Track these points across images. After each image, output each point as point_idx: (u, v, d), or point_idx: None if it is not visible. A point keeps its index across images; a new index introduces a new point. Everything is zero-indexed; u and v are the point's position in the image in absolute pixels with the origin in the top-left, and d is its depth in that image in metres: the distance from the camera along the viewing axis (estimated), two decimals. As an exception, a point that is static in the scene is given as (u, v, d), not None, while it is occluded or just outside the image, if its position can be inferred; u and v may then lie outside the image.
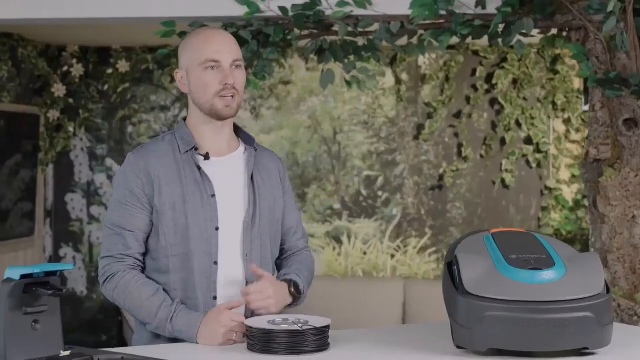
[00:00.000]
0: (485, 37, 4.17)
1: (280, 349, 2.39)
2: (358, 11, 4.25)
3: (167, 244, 2.70)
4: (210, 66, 2.72)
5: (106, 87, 6.96)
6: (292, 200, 2.98)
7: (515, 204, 6.69)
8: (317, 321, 2.49)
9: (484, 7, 4.16)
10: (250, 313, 2.73)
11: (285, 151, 6.86)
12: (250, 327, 2.45)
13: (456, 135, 6.73)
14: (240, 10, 4.31)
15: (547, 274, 2.36)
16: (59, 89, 6.88)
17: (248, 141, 2.86)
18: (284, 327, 2.43)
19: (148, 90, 6.97)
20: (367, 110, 6.82)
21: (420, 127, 6.77)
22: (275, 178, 2.90)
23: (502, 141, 6.67)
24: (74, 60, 6.92)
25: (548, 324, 2.29)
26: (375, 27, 4.28)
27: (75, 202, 7.03)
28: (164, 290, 2.71)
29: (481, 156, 6.71)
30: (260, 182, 2.83)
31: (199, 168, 2.74)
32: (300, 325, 2.44)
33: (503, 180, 6.69)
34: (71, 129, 6.97)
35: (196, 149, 2.76)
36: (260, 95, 6.85)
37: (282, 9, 4.22)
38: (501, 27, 4.11)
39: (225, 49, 2.74)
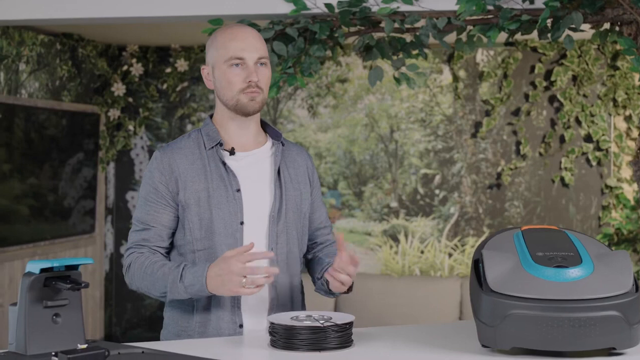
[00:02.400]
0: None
1: (302, 345, 2.38)
2: (404, 7, 4.21)
3: (193, 239, 2.73)
4: (235, 63, 2.73)
5: (165, 86, 7.03)
6: (320, 196, 2.98)
7: (575, 202, 6.58)
8: (341, 318, 2.47)
9: (531, 2, 4.09)
10: (275, 301, 2.74)
11: (342, 149, 6.85)
12: (273, 323, 2.45)
13: (514, 133, 6.64)
14: (287, 8, 4.31)
15: (573, 272, 2.31)
16: (119, 88, 6.98)
17: (275, 136, 2.86)
18: (307, 323, 2.42)
19: (206, 88, 7.02)
20: (424, 108, 6.77)
21: (477, 125, 6.70)
22: (302, 173, 2.89)
23: (562, 139, 6.56)
24: (134, 60, 7.01)
25: (573, 323, 2.24)
26: (422, 23, 4.24)
27: (136, 200, 7.10)
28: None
29: (540, 154, 6.60)
30: (287, 176, 2.83)
31: (224, 163, 2.75)
32: (322, 322, 2.42)
33: (562, 179, 6.58)
34: (131, 127, 7.06)
35: (221, 145, 2.77)
36: (317, 93, 6.85)
37: (328, 5, 4.20)
38: (550, 22, 4.04)
39: (250, 47, 2.74)
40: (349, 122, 6.86)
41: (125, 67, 7.03)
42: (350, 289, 2.78)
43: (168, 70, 7.02)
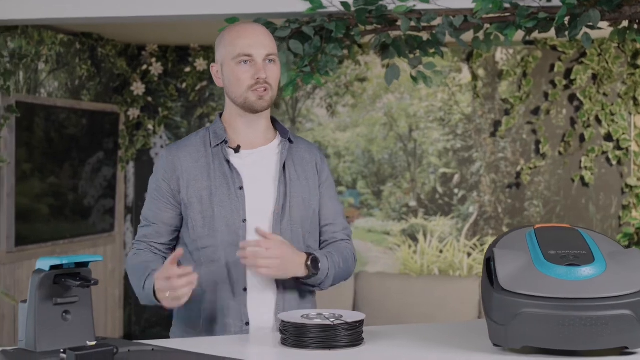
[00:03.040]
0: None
1: (312, 344, 2.38)
2: (421, 5, 4.20)
3: (197, 237, 2.74)
4: (243, 60, 2.73)
5: (184, 85, 7.05)
6: (331, 192, 2.93)
7: (595, 202, 6.53)
8: (351, 316, 2.46)
9: (548, 0, 4.07)
10: (281, 299, 2.74)
11: (361, 148, 6.84)
12: (283, 321, 2.44)
13: (534, 132, 6.60)
14: (304, 6, 4.31)
15: (585, 270, 2.29)
16: (138, 88, 6.99)
17: (283, 133, 2.86)
18: (317, 321, 2.41)
19: (225, 88, 7.01)
20: (443, 107, 6.75)
21: (497, 124, 6.67)
22: (311, 169, 2.88)
23: (581, 138, 6.51)
24: (153, 59, 7.02)
25: (584, 322, 2.22)
26: (439, 21, 4.23)
27: (155, 199, 7.12)
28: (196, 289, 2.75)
29: (559, 153, 6.57)
30: (294, 173, 2.82)
31: (228, 161, 2.76)
32: (332, 320, 2.41)
33: (582, 178, 6.53)
34: (151, 126, 7.08)
35: (226, 142, 2.78)
36: (336, 92, 6.84)
37: (345, 4, 4.20)
38: (567, 20, 4.01)
39: (259, 43, 2.74)
40: (367, 121, 6.85)
41: (144, 67, 7.05)
42: (311, 272, 2.70)
43: (187, 69, 7.03)
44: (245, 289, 2.72)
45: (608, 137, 6.48)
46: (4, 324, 5.58)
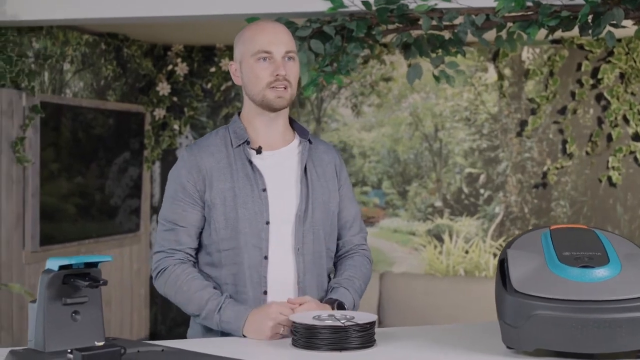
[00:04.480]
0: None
1: (323, 345, 2.35)
2: (442, 4, 4.17)
3: (218, 238, 2.71)
4: (262, 57, 2.70)
5: (210, 85, 7.05)
6: (349, 194, 2.91)
7: (623, 202, 6.46)
8: (363, 317, 2.44)
9: (571, -3, 4.03)
10: None
11: (386, 148, 6.81)
12: (294, 322, 2.42)
13: (560, 131, 6.54)
14: (325, 6, 4.29)
15: (599, 272, 2.25)
16: (164, 88, 7.01)
17: (302, 134, 2.83)
18: (328, 323, 2.39)
19: (251, 88, 7.01)
20: (469, 107, 6.70)
21: (523, 124, 6.61)
22: (330, 171, 2.85)
23: (609, 137, 6.44)
24: (179, 59, 7.04)
25: (598, 325, 2.18)
26: (461, 20, 4.20)
27: (181, 199, 7.14)
28: (215, 284, 2.72)
29: (587, 153, 6.50)
30: (314, 175, 2.79)
31: (250, 162, 2.73)
32: (343, 321, 2.39)
33: (609, 178, 6.46)
34: (176, 126, 7.10)
35: (248, 143, 2.76)
36: (362, 92, 6.82)
37: (365, 3, 4.17)
38: (591, 18, 3.97)
39: (278, 40, 2.72)
40: (393, 121, 6.82)
41: (170, 67, 7.07)
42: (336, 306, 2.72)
43: (213, 69, 7.04)
44: (265, 292, 2.69)
45: (636, 137, 6.40)
46: (28, 324, 5.60)
